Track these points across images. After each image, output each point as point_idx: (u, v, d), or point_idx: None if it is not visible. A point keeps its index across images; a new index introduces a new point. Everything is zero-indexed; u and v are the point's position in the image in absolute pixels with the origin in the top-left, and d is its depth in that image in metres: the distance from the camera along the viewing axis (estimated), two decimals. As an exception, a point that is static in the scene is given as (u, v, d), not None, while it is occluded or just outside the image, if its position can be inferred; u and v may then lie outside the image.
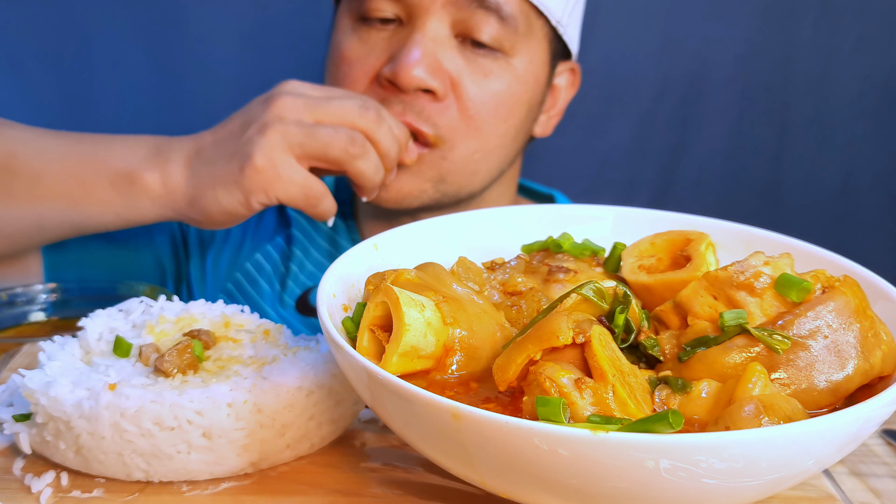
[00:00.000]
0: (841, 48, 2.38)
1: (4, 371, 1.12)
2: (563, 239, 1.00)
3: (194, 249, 1.67)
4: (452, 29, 1.43)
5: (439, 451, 0.78)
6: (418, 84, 1.41)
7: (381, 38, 1.46)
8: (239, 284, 1.63)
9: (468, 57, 1.45)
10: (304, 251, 1.65)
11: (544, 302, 0.91)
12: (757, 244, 1.01)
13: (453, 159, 1.48)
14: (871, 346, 0.81)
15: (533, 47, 1.49)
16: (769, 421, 0.72)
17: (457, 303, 0.84)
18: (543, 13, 1.48)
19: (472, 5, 1.41)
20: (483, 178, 1.54)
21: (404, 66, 1.39)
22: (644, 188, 2.48)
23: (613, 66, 2.30)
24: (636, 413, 0.75)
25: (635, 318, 0.86)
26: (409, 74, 1.39)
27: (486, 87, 1.46)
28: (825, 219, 2.49)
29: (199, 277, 1.66)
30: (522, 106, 1.52)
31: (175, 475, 0.89)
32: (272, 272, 1.64)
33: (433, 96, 1.43)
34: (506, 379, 0.79)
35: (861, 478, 0.94)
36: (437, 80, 1.42)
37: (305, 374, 0.93)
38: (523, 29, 1.46)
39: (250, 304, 1.61)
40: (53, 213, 1.33)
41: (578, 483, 0.71)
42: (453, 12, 1.42)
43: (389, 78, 1.42)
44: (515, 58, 1.47)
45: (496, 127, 1.49)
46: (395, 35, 1.45)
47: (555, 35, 1.53)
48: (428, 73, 1.40)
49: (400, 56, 1.41)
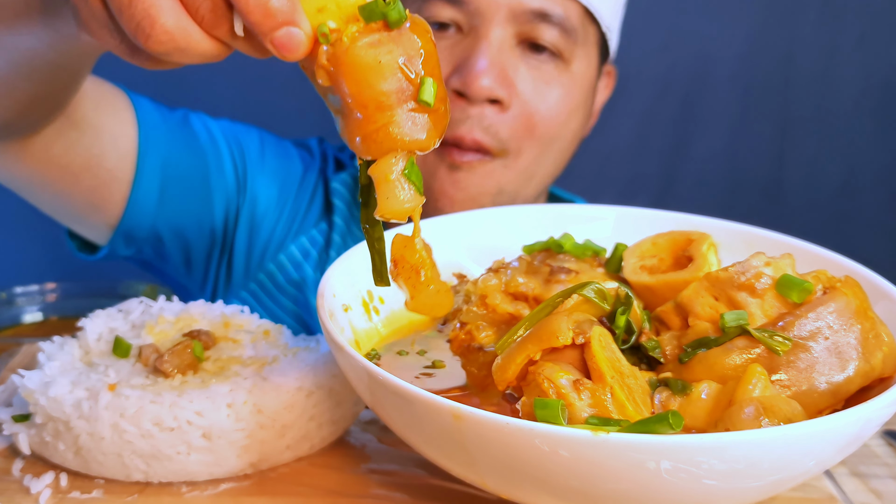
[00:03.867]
0: (843, 46, 2.38)
1: (3, 371, 1.12)
2: (564, 239, 1.00)
3: (244, 220, 1.63)
4: (515, 38, 1.44)
5: (440, 452, 0.78)
6: (487, 94, 1.41)
7: (443, 46, 1.46)
8: (282, 266, 1.62)
9: (531, 64, 1.46)
10: (343, 237, 1.65)
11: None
12: (758, 244, 1.01)
13: (516, 168, 1.49)
14: (871, 348, 0.81)
15: (588, 52, 1.51)
16: (769, 422, 0.72)
17: None
18: (597, 19, 1.50)
19: (534, 18, 1.42)
20: (537, 185, 1.55)
21: (473, 76, 1.40)
22: (646, 186, 2.48)
23: (616, 63, 2.29)
24: (634, 415, 0.74)
25: (637, 319, 0.85)
26: (479, 84, 1.40)
27: (549, 95, 1.47)
28: (827, 217, 2.48)
29: (244, 253, 1.64)
30: (580, 110, 1.54)
31: (174, 476, 0.89)
32: (316, 257, 1.64)
33: (500, 106, 1.44)
34: (505, 379, 0.79)
35: (862, 479, 0.94)
36: (505, 89, 1.42)
37: (305, 374, 0.93)
38: (581, 39, 1.48)
39: (294, 286, 1.61)
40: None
41: (579, 484, 0.71)
42: (516, 24, 1.43)
43: (459, 89, 1.43)
44: (573, 64, 1.48)
45: (557, 132, 1.50)
46: (457, 44, 1.45)
47: (603, 39, 1.55)
48: (496, 83, 1.41)
49: (467, 66, 1.41)
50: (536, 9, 1.42)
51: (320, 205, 1.69)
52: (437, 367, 0.92)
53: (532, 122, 1.47)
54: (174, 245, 1.57)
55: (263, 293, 1.62)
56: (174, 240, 1.56)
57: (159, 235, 1.53)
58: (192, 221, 1.58)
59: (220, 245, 1.65)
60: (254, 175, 1.61)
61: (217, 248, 1.64)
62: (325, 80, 0.76)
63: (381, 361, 0.93)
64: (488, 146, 1.45)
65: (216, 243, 1.64)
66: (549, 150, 1.52)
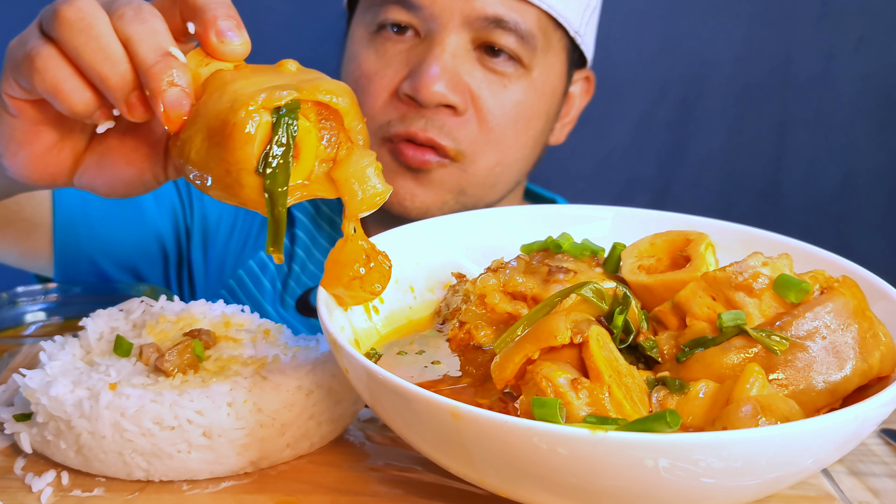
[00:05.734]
0: (841, 49, 2.38)
1: (5, 371, 1.12)
2: (562, 239, 1.00)
3: (197, 236, 1.65)
4: (471, 42, 1.43)
5: (439, 450, 0.78)
6: (439, 100, 1.40)
7: (399, 50, 1.45)
8: (241, 281, 1.63)
9: (487, 70, 1.44)
10: (306, 251, 1.64)
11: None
12: (756, 244, 1.02)
13: (475, 172, 1.48)
14: (869, 347, 0.81)
15: (551, 59, 1.49)
16: (766, 421, 0.72)
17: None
18: (562, 24, 1.48)
19: (489, 24, 1.41)
20: (502, 190, 1.55)
21: (424, 82, 1.39)
22: (643, 188, 2.48)
23: (613, 66, 2.30)
24: (632, 414, 0.75)
25: (634, 318, 0.86)
26: (430, 90, 1.39)
27: (506, 100, 1.46)
28: (824, 219, 2.49)
29: (202, 268, 1.66)
30: (541, 117, 1.52)
31: (175, 474, 0.89)
32: (275, 271, 1.64)
33: (454, 111, 1.43)
34: (504, 378, 0.80)
35: (860, 477, 0.94)
36: (458, 94, 1.41)
37: (305, 373, 0.93)
38: (542, 44, 1.46)
39: (251, 301, 1.60)
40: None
41: (577, 482, 0.71)
42: (471, 29, 1.41)
43: (409, 94, 1.42)
44: (534, 70, 1.47)
45: (515, 139, 1.49)
46: (413, 49, 1.45)
47: (572, 44, 1.53)
48: (448, 89, 1.40)
49: (420, 72, 1.41)
50: (491, 15, 1.40)
51: None
52: (436, 367, 0.92)
53: (488, 127, 1.46)
54: (119, 269, 1.58)
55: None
56: (117, 266, 1.58)
57: (99, 265, 1.54)
58: (132, 245, 1.59)
59: (177, 263, 1.66)
60: (199, 192, 1.61)
61: (173, 267, 1.65)
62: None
63: (380, 361, 0.94)
64: (445, 147, 1.44)
65: (171, 262, 1.65)
66: (508, 157, 1.50)
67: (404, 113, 1.44)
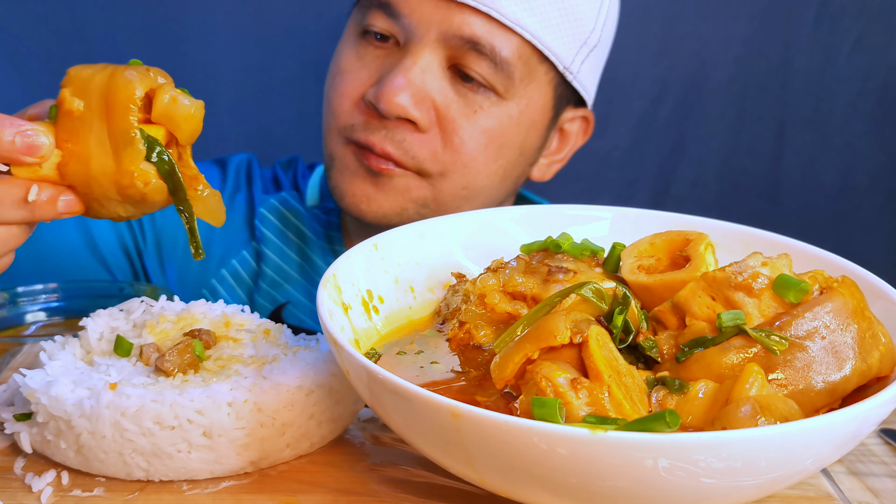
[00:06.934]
0: (840, 49, 2.39)
1: (5, 370, 1.12)
2: (562, 239, 1.00)
3: (151, 249, 1.62)
4: (446, 61, 1.38)
5: (439, 450, 0.78)
6: (399, 112, 1.36)
7: (376, 56, 1.42)
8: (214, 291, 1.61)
9: (459, 91, 1.39)
10: (273, 267, 1.62)
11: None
12: (756, 245, 1.02)
13: (441, 189, 1.44)
14: (868, 347, 0.82)
15: (532, 91, 1.43)
16: (765, 421, 0.73)
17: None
18: (549, 58, 1.41)
19: (465, 45, 1.36)
20: (482, 205, 1.49)
21: (387, 91, 1.35)
22: (643, 188, 2.48)
23: (613, 66, 2.29)
24: (631, 414, 0.75)
25: (634, 318, 0.86)
26: (391, 101, 1.34)
27: (474, 123, 1.40)
28: (824, 219, 2.49)
29: (161, 282, 1.63)
30: (513, 148, 1.46)
31: (175, 474, 0.89)
32: (238, 288, 1.61)
33: (415, 127, 1.38)
34: (503, 377, 0.80)
35: (859, 477, 0.95)
36: (420, 110, 1.37)
37: (305, 373, 0.94)
38: (521, 74, 1.40)
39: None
40: None
41: (577, 482, 0.71)
42: (447, 47, 1.37)
43: (371, 101, 1.38)
44: (511, 100, 1.41)
45: (485, 165, 1.44)
46: (388, 56, 1.41)
47: (562, 80, 1.46)
48: (411, 103, 1.35)
49: (384, 81, 1.37)
50: (468, 36, 1.35)
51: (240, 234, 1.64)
52: (436, 367, 0.92)
53: (454, 149, 1.41)
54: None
55: None
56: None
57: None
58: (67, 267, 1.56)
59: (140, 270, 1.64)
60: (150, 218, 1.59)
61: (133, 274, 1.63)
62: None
63: (380, 360, 0.94)
64: (400, 160, 1.40)
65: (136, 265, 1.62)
66: (476, 181, 1.45)
67: (367, 120, 1.41)
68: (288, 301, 1.59)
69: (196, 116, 0.87)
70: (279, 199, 1.63)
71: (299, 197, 1.66)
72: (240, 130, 2.32)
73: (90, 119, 0.83)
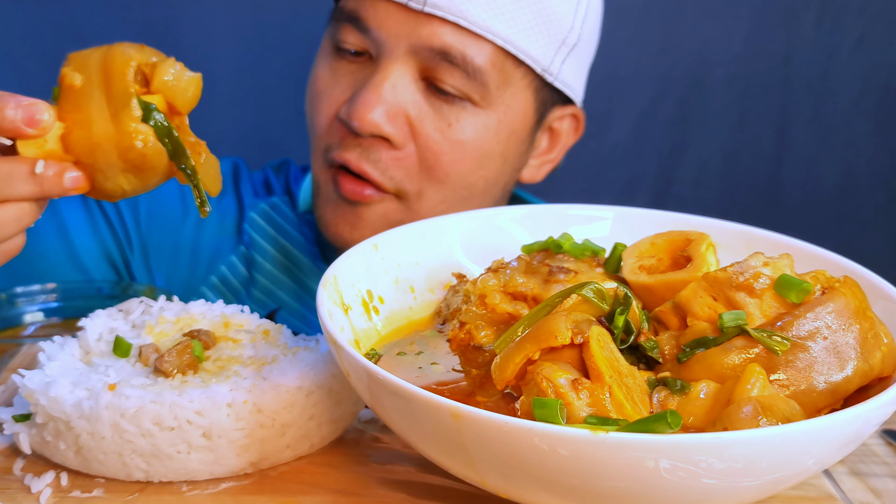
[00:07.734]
0: (841, 48, 2.38)
1: (4, 371, 1.12)
2: (563, 239, 1.00)
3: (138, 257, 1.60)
4: (419, 73, 1.35)
5: (439, 451, 0.78)
6: (372, 129, 1.32)
7: (349, 71, 1.39)
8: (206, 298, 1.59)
9: (433, 103, 1.36)
10: (264, 273, 1.61)
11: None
12: (757, 244, 1.01)
13: (418, 209, 1.40)
14: (870, 347, 0.81)
15: (510, 97, 1.39)
16: (767, 422, 0.72)
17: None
18: (525, 62, 1.37)
19: (436, 57, 1.32)
20: None
21: (359, 108, 1.31)
22: (644, 188, 2.48)
23: (613, 65, 2.30)
24: (632, 414, 0.75)
25: (635, 319, 0.86)
26: (364, 118, 1.31)
27: (450, 137, 1.36)
28: (825, 218, 2.49)
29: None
30: (495, 158, 1.42)
31: (175, 475, 0.89)
32: (229, 293, 1.59)
33: (389, 144, 1.35)
34: (504, 378, 0.80)
35: (861, 477, 0.94)
36: (394, 126, 1.33)
37: (305, 374, 0.93)
38: (496, 81, 1.36)
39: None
40: None
41: (578, 483, 0.71)
42: (418, 59, 1.33)
43: (344, 119, 1.35)
44: (488, 109, 1.37)
45: (463, 178, 1.40)
46: (361, 71, 1.38)
47: (543, 82, 1.42)
48: (384, 119, 1.32)
49: (356, 98, 1.33)
50: (437, 47, 1.31)
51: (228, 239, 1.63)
52: (436, 367, 0.92)
53: (430, 165, 1.37)
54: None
55: None
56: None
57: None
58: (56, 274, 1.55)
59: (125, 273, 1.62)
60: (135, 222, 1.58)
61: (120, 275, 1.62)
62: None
63: (380, 361, 0.94)
64: (378, 181, 1.37)
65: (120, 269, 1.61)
66: (456, 196, 1.41)
67: (342, 138, 1.38)
68: (280, 307, 1.58)
69: (193, 82, 0.88)
70: (270, 205, 1.62)
71: (291, 202, 1.64)
72: (235, 131, 2.31)
73: (90, 89, 0.84)
